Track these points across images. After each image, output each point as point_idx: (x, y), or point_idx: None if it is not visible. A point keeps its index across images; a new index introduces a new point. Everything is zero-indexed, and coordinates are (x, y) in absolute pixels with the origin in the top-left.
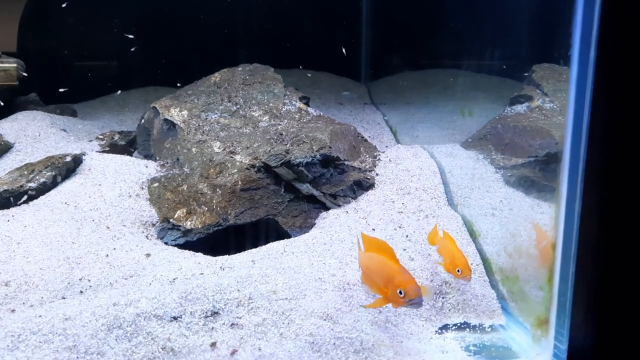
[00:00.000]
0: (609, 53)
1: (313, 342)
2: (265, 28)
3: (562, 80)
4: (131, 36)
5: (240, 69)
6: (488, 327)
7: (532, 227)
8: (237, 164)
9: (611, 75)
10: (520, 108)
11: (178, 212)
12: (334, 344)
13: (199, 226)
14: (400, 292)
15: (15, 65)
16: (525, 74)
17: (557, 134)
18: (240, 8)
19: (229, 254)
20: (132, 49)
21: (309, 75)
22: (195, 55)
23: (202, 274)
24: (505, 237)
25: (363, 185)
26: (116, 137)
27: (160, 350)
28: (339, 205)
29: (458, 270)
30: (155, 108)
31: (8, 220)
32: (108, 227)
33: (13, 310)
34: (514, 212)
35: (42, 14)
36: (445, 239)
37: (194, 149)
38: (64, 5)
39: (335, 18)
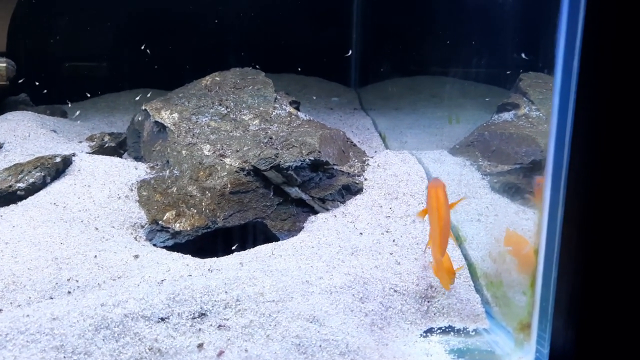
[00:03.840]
0: (592, 61)
1: (299, 344)
2: (256, 32)
3: (548, 89)
4: (144, 48)
5: (231, 72)
6: (472, 331)
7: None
8: (227, 167)
9: (594, 83)
10: (507, 116)
11: (167, 214)
12: (320, 346)
13: (188, 228)
14: None
15: (5, 65)
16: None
17: (542, 141)
18: (231, 12)
19: (217, 257)
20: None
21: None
22: (186, 58)
23: (190, 275)
24: (490, 243)
25: (351, 190)
26: (106, 138)
27: (147, 350)
28: (328, 210)
29: None
30: (146, 110)
31: None
32: (97, 228)
33: (0, 310)
34: (499, 217)
35: (33, 14)
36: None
37: (184, 152)
38: None
39: (325, 23)
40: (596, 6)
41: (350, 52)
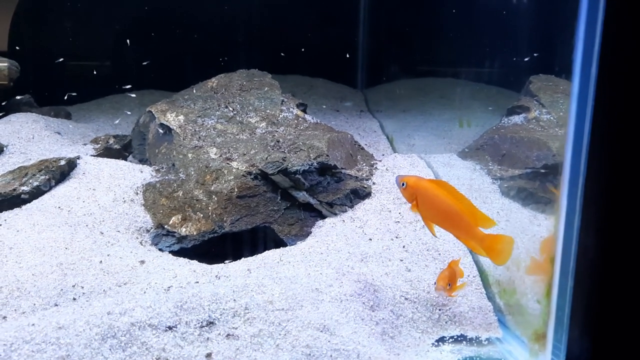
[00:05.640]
0: (611, 68)
1: (310, 354)
2: (262, 33)
3: (559, 92)
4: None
5: (237, 74)
6: (485, 340)
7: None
8: (234, 170)
9: (612, 89)
10: (517, 119)
11: (173, 218)
12: (331, 356)
13: (194, 233)
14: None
15: (7, 65)
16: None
17: (554, 145)
18: (238, 13)
19: (224, 262)
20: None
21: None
22: (191, 59)
23: (198, 282)
24: None
25: (360, 194)
26: (111, 140)
27: None
28: (336, 214)
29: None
30: (151, 112)
31: (0, 225)
32: (102, 233)
33: (4, 317)
34: (511, 223)
35: (36, 14)
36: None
37: (190, 155)
38: None
39: (332, 25)
40: (615, 11)
41: (348, 55)
